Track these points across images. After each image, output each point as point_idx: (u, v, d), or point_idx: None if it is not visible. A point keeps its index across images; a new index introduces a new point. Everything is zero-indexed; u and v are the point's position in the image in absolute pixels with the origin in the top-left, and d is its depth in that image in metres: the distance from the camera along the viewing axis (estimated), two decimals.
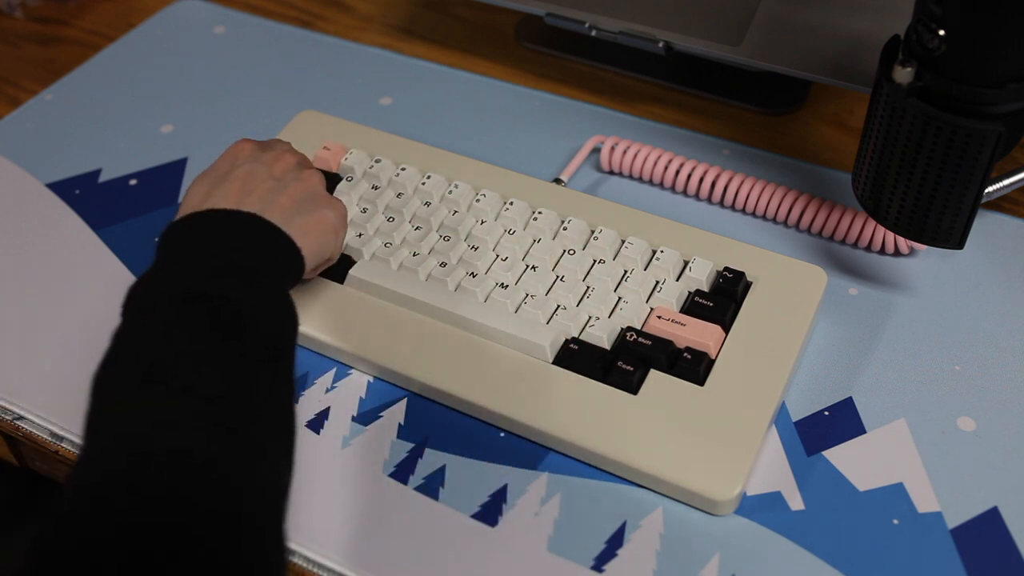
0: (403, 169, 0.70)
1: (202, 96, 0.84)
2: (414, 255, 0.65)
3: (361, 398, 0.61)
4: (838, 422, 0.59)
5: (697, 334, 0.59)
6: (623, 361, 0.58)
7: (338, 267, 0.65)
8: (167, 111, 0.83)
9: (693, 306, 0.61)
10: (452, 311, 0.62)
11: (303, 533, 0.55)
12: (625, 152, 0.73)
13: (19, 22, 0.96)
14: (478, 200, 0.68)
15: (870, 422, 0.59)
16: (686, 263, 0.64)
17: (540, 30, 0.88)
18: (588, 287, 0.63)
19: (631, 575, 0.52)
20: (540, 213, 0.66)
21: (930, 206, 0.58)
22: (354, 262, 0.65)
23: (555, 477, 0.57)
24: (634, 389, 0.58)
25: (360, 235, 0.67)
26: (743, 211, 0.71)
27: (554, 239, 0.66)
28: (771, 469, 0.57)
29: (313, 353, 0.64)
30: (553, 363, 0.59)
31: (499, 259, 0.64)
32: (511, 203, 0.67)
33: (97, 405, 0.46)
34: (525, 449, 0.58)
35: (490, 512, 0.55)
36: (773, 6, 0.72)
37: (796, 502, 0.55)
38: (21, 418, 0.62)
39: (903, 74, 0.55)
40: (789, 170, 0.74)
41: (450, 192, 0.68)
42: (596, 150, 0.76)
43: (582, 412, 0.57)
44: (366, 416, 0.60)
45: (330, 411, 0.61)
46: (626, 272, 0.64)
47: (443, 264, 0.64)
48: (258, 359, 0.49)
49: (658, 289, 0.62)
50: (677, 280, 0.63)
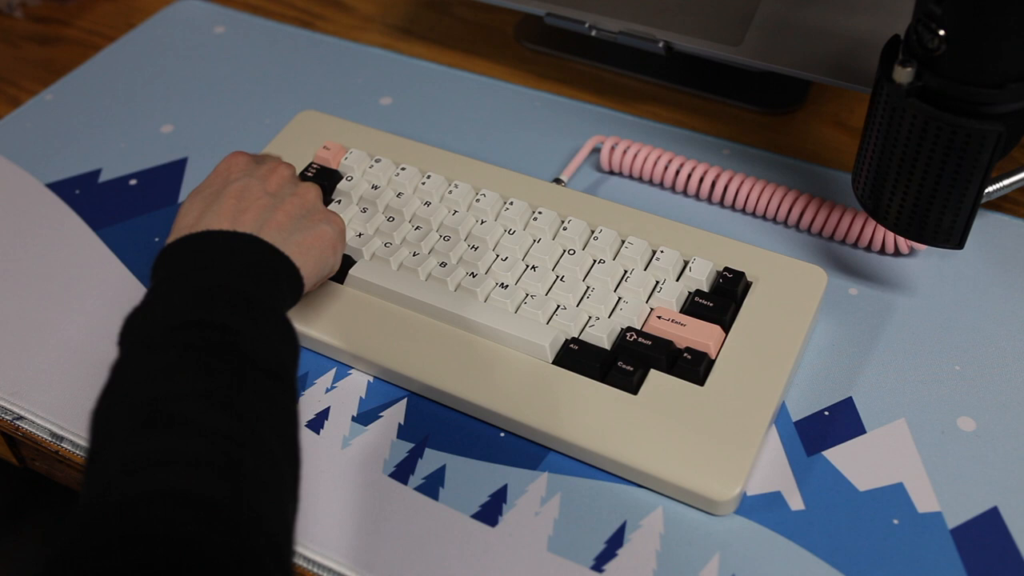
0: (403, 169, 0.70)
1: (202, 96, 0.84)
2: (414, 255, 0.65)
3: (361, 398, 0.61)
4: (838, 422, 0.59)
5: (697, 334, 0.59)
6: (623, 361, 0.58)
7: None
8: (167, 111, 0.83)
9: (693, 306, 0.61)
10: (452, 311, 0.62)
11: (303, 533, 0.55)
12: (625, 152, 0.73)
13: (19, 22, 0.96)
14: (478, 200, 0.68)
15: (870, 422, 0.59)
16: (686, 263, 0.64)
17: (540, 30, 0.88)
18: (588, 287, 0.63)
19: (631, 575, 0.52)
20: (540, 213, 0.66)
21: (930, 206, 0.58)
22: (354, 262, 0.65)
23: (555, 477, 0.57)
24: (634, 389, 0.58)
25: (360, 235, 0.67)
26: (743, 211, 0.71)
27: (554, 239, 0.66)
28: (771, 469, 0.57)
29: (313, 353, 0.64)
30: (553, 363, 0.59)
31: (499, 259, 0.64)
32: (511, 203, 0.67)
33: (97, 442, 0.45)
34: (525, 449, 0.58)
35: (490, 512, 0.55)
36: (773, 6, 0.72)
37: (796, 502, 0.55)
38: (21, 418, 0.62)
39: (903, 74, 0.55)
40: (789, 170, 0.74)
41: (450, 192, 0.68)
42: (596, 150, 0.76)
43: (582, 412, 0.57)
44: (366, 416, 0.60)
45: (330, 411, 0.61)
46: (626, 272, 0.64)
47: (443, 264, 0.64)
48: (259, 389, 0.48)
49: (658, 289, 0.62)
50: (677, 280, 0.63)
